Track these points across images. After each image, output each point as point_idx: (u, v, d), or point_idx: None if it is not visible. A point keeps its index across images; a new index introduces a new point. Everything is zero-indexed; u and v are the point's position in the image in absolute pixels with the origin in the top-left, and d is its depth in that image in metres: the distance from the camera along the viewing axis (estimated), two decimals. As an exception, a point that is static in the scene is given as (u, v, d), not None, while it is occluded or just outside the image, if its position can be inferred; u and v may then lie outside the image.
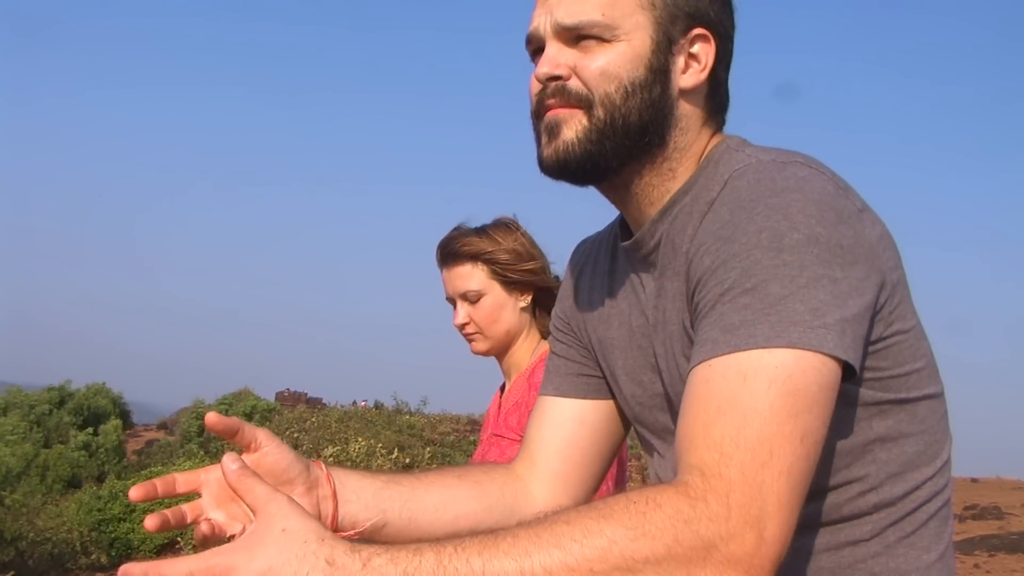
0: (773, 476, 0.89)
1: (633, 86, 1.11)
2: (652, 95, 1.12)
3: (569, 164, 1.13)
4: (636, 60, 1.12)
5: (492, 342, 2.35)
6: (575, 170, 1.14)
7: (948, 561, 1.12)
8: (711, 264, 1.02)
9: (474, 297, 2.32)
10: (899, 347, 1.06)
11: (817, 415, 0.93)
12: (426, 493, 1.25)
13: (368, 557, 0.86)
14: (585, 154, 1.12)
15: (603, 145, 1.12)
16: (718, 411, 0.93)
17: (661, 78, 1.13)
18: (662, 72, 1.13)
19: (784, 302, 0.94)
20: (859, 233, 1.01)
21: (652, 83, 1.12)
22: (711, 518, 0.87)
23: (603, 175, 1.16)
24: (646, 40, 1.12)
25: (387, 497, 1.22)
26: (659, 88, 1.13)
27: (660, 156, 1.16)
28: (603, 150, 1.12)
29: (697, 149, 1.17)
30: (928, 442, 1.10)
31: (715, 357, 0.96)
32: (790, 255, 0.96)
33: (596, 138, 1.12)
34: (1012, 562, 10.18)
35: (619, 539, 0.87)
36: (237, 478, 0.97)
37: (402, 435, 16.28)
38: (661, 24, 1.12)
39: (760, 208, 1.00)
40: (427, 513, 1.23)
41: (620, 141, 1.12)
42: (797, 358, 0.93)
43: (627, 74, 1.11)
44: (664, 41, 1.13)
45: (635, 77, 1.12)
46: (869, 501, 1.07)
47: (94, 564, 14.16)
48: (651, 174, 1.17)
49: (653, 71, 1.12)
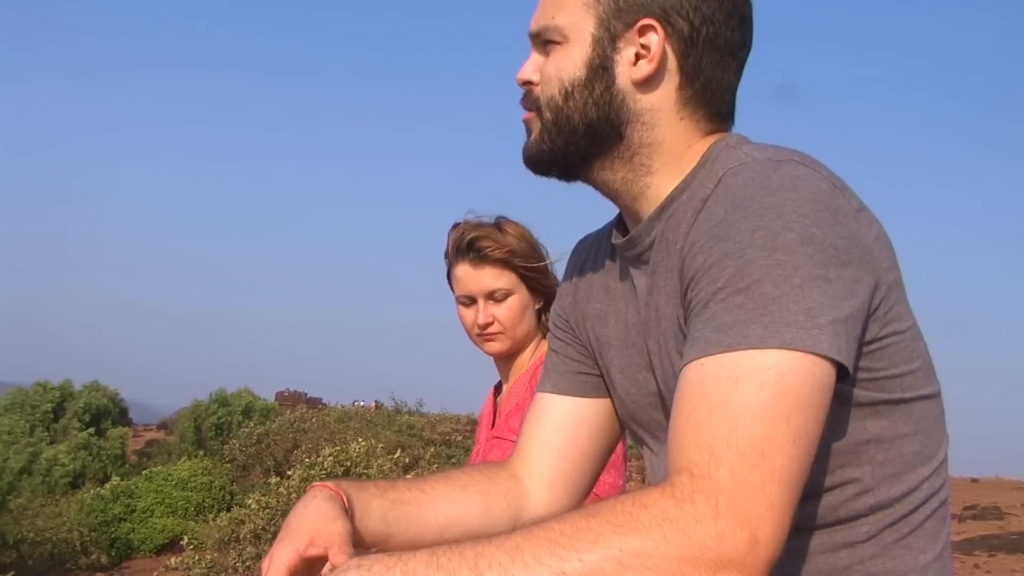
0: (764, 477, 0.88)
1: (572, 86, 1.15)
2: (594, 93, 1.15)
3: (532, 162, 1.21)
4: (576, 60, 1.15)
5: (512, 342, 2.31)
6: (538, 168, 1.22)
7: (946, 561, 1.12)
8: (704, 262, 1.01)
9: (502, 296, 2.26)
10: (895, 348, 1.05)
11: (811, 416, 0.93)
12: (432, 511, 1.26)
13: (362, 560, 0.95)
14: (541, 154, 1.19)
15: (555, 144, 1.18)
16: (709, 412, 0.92)
17: (602, 75, 1.14)
18: (602, 68, 1.14)
19: (777, 302, 0.94)
20: (854, 233, 1.00)
21: (592, 80, 1.14)
22: (698, 519, 0.87)
23: (569, 171, 1.21)
24: (587, 38, 1.15)
25: (393, 521, 1.23)
26: (602, 85, 1.14)
27: (625, 151, 1.16)
28: (555, 148, 1.18)
29: (679, 145, 1.16)
30: (924, 442, 1.10)
31: (707, 356, 0.95)
32: (784, 255, 0.95)
33: (547, 138, 1.18)
34: (1012, 562, 10.16)
35: (606, 533, 0.87)
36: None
37: (402, 435, 16.27)
38: (603, 20, 1.14)
39: (754, 207, 0.99)
40: (432, 534, 1.25)
41: (569, 139, 1.17)
42: (790, 359, 0.92)
43: (567, 75, 1.15)
44: (605, 37, 1.14)
45: (574, 77, 1.15)
46: (865, 502, 1.07)
47: (94, 564, 14.16)
48: (623, 169, 1.17)
49: (592, 68, 1.14)
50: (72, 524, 14.66)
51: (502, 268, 2.26)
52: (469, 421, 20.72)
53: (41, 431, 24.30)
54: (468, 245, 2.27)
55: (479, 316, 2.27)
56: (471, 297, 2.30)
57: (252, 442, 17.35)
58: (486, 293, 2.27)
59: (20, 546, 13.14)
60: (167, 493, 16.09)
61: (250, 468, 17.66)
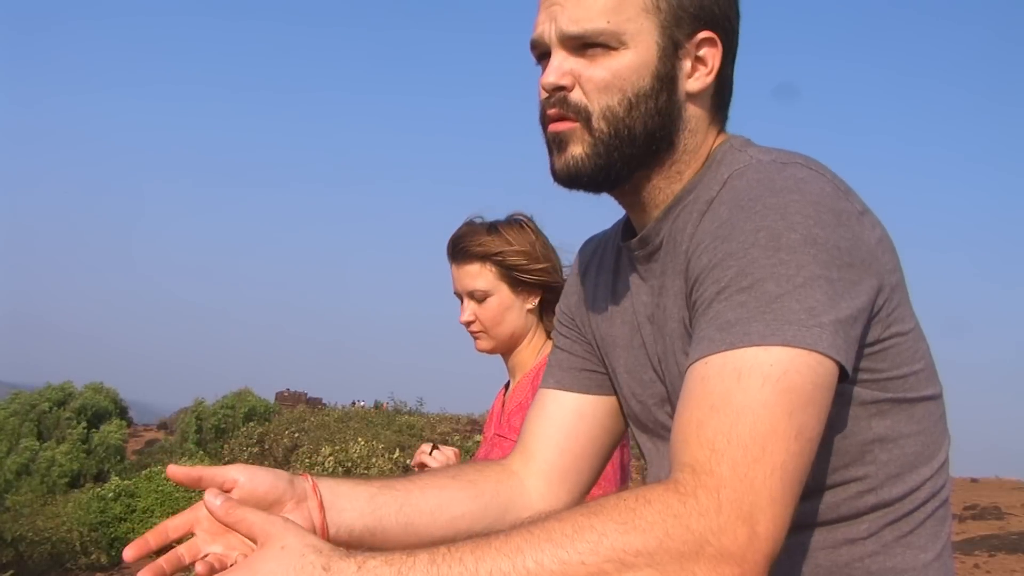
0: (766, 472, 0.89)
1: (637, 97, 1.10)
2: (658, 103, 1.11)
3: (580, 177, 1.13)
4: (642, 69, 1.10)
5: (496, 342, 2.34)
6: (587, 182, 1.14)
7: (946, 561, 1.12)
8: (708, 262, 1.01)
9: (481, 296, 2.30)
10: (897, 349, 1.06)
11: (812, 413, 0.93)
12: (421, 496, 1.24)
13: (363, 560, 0.89)
14: (595, 168, 1.12)
15: (611, 157, 1.12)
16: (712, 409, 0.92)
17: (668, 85, 1.11)
18: (669, 79, 1.11)
19: (780, 301, 0.94)
20: (858, 235, 1.01)
21: (658, 91, 1.11)
22: (701, 513, 0.87)
23: (615, 184, 1.16)
24: (652, 47, 1.10)
25: (382, 503, 1.21)
26: (666, 95, 1.11)
27: (669, 160, 1.15)
28: (612, 162, 1.12)
29: (704, 150, 1.17)
30: (926, 443, 1.10)
31: (711, 355, 0.95)
32: (787, 254, 0.96)
33: (603, 151, 1.11)
34: (1012, 562, 10.16)
35: (609, 532, 0.87)
36: (225, 512, 1.01)
37: (402, 435, 16.26)
38: (666, 28, 1.10)
39: (758, 208, 0.99)
40: (423, 516, 1.23)
41: (627, 151, 1.12)
42: (792, 356, 0.92)
43: (631, 85, 1.10)
44: (670, 46, 1.11)
45: (640, 87, 1.10)
46: (868, 501, 1.07)
47: (94, 564, 14.13)
48: (659, 177, 1.16)
49: (659, 79, 1.11)
50: (72, 524, 14.63)
51: (481, 265, 2.29)
52: (469, 421, 20.73)
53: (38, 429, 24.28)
54: (453, 244, 2.33)
55: (462, 314, 2.34)
56: (459, 295, 2.36)
57: (252, 442, 17.35)
58: (467, 292, 2.32)
59: (18, 544, 13.12)
60: (168, 493, 16.08)
61: (250, 468, 17.61)
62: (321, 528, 1.15)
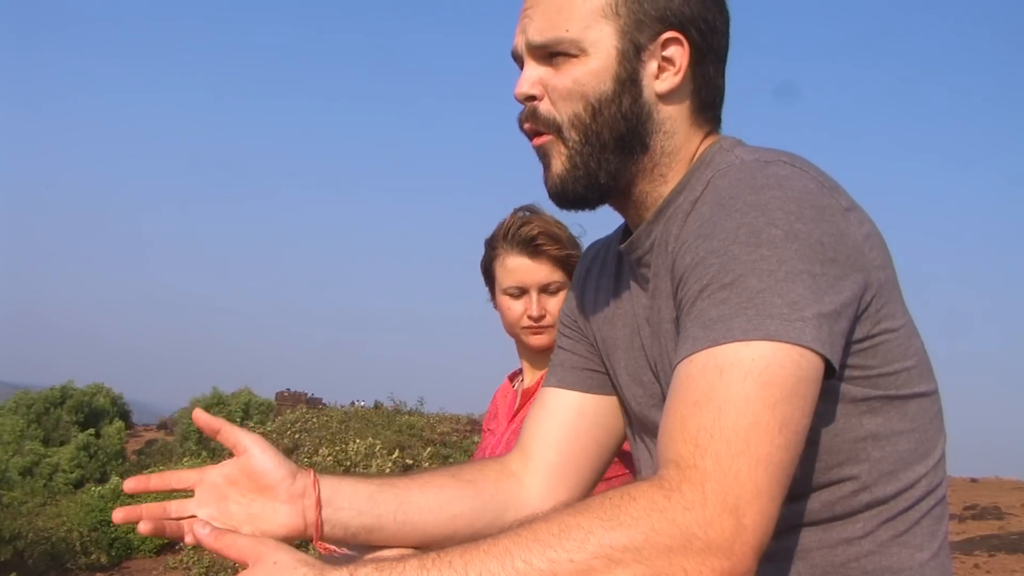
0: (750, 465, 0.89)
1: (600, 102, 1.12)
2: (622, 107, 1.13)
3: (568, 194, 1.16)
4: (602, 73, 1.12)
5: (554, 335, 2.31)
6: (575, 199, 1.17)
7: (943, 559, 1.12)
8: (691, 261, 1.02)
9: (556, 289, 2.22)
10: (887, 345, 1.06)
11: (796, 406, 0.93)
12: (420, 495, 1.25)
13: (354, 569, 0.93)
14: (576, 180, 1.14)
15: (588, 166, 1.14)
16: (695, 405, 0.93)
17: (631, 88, 1.13)
18: (631, 82, 1.13)
19: (762, 295, 0.95)
20: (842, 231, 1.01)
21: (620, 94, 1.12)
22: (686, 507, 0.87)
23: (605, 196, 1.17)
24: (611, 51, 1.12)
25: (381, 502, 1.22)
26: (629, 98, 1.13)
27: (649, 162, 1.16)
28: (589, 171, 1.14)
29: (688, 151, 1.18)
30: (920, 440, 1.10)
31: (695, 353, 0.96)
32: (768, 250, 0.96)
33: (580, 162, 1.14)
34: (1012, 562, 10.15)
35: (595, 529, 0.88)
36: (214, 539, 1.04)
37: (402, 435, 16.25)
38: (627, 32, 1.12)
39: (739, 205, 1.00)
40: (422, 515, 1.24)
41: (601, 157, 1.14)
42: (774, 350, 0.93)
43: (592, 90, 1.12)
44: (631, 49, 1.12)
45: (601, 92, 1.12)
46: (862, 499, 1.07)
47: (94, 564, 14.14)
48: (644, 181, 1.17)
49: (620, 82, 1.12)
50: (72, 524, 14.64)
51: (557, 262, 2.21)
52: (469, 421, 20.72)
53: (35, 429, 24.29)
54: (529, 237, 2.21)
55: (532, 308, 2.22)
56: (522, 289, 2.24)
57: (252, 442, 17.29)
58: (541, 286, 2.22)
59: (18, 543, 13.12)
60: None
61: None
62: (315, 525, 1.17)
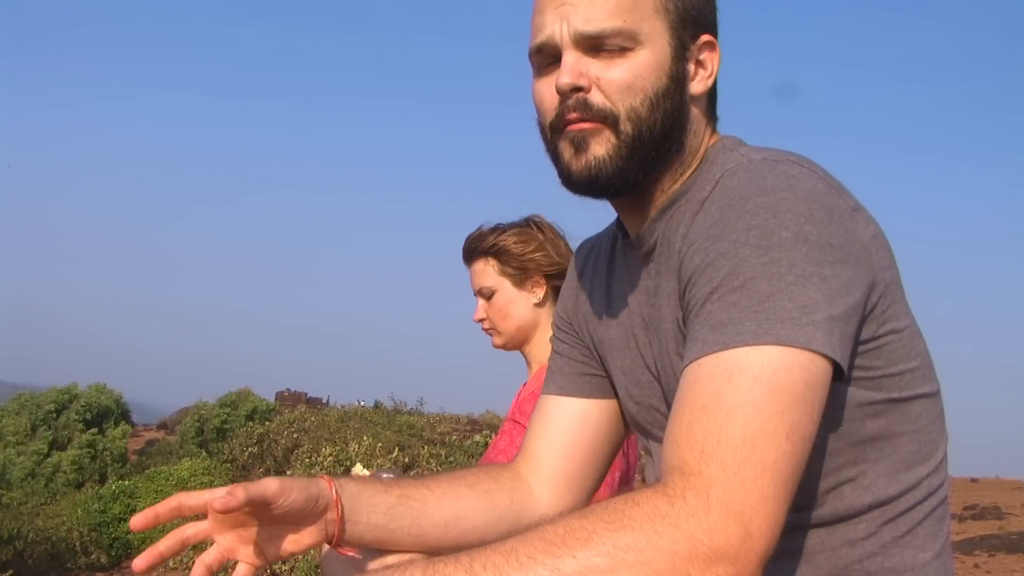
0: (756, 471, 0.88)
1: (657, 97, 1.10)
2: (673, 104, 1.12)
3: (600, 180, 1.11)
4: (658, 69, 1.10)
5: (505, 337, 2.41)
6: (605, 186, 1.12)
7: (945, 560, 1.12)
8: (701, 262, 1.02)
9: (488, 293, 2.39)
10: (892, 347, 1.06)
11: (805, 412, 0.92)
12: (438, 507, 1.25)
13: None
14: (616, 171, 1.11)
15: (633, 160, 1.11)
16: (702, 411, 0.92)
17: (679, 85, 1.12)
18: (680, 79, 1.12)
19: (772, 299, 0.94)
20: (851, 232, 1.01)
21: (673, 92, 1.12)
22: (690, 514, 0.87)
23: (631, 188, 1.15)
24: (665, 47, 1.11)
25: (397, 516, 1.22)
26: (678, 96, 1.12)
27: (677, 161, 1.16)
28: (632, 165, 1.11)
29: (701, 151, 1.18)
30: (923, 441, 1.10)
31: (703, 356, 0.95)
32: (778, 252, 0.96)
33: (627, 154, 1.10)
34: (1012, 562, 10.15)
35: (598, 530, 0.88)
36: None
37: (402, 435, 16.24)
38: (675, 30, 1.12)
39: (749, 206, 1.00)
40: (436, 529, 1.24)
41: (647, 153, 1.12)
42: (784, 355, 0.92)
43: (651, 85, 1.10)
44: (680, 47, 1.12)
45: (659, 87, 1.10)
46: (864, 501, 1.07)
47: (94, 564, 14.12)
48: (666, 179, 1.17)
49: (673, 79, 1.11)
50: (72, 524, 14.62)
51: (484, 262, 2.39)
52: (469, 421, 20.73)
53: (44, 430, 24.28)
54: (463, 247, 2.45)
55: (475, 313, 2.44)
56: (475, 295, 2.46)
57: (252, 442, 17.33)
58: (476, 290, 2.43)
59: (17, 543, 13.10)
60: (168, 493, 16.02)
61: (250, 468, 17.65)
62: (336, 537, 1.17)
